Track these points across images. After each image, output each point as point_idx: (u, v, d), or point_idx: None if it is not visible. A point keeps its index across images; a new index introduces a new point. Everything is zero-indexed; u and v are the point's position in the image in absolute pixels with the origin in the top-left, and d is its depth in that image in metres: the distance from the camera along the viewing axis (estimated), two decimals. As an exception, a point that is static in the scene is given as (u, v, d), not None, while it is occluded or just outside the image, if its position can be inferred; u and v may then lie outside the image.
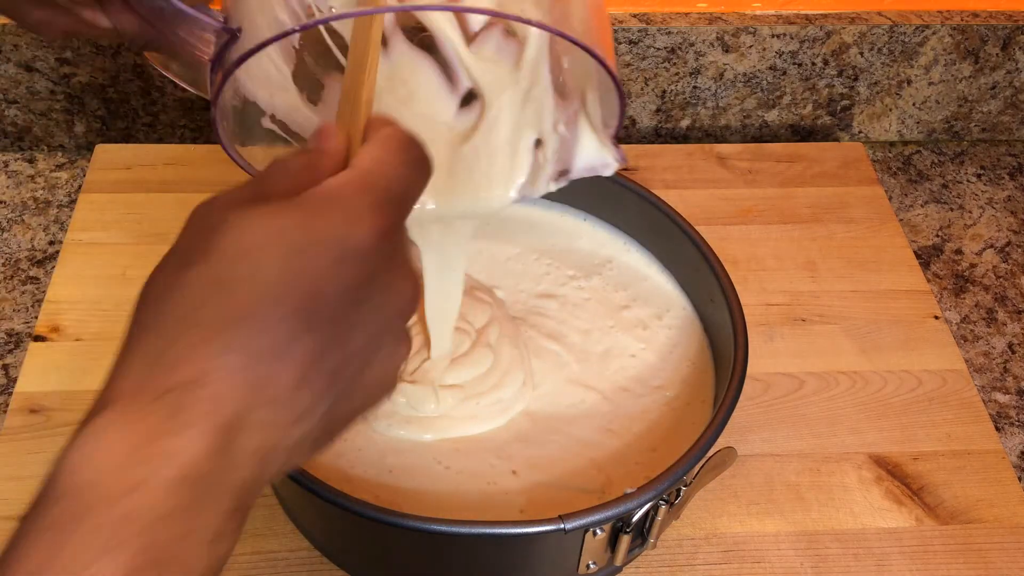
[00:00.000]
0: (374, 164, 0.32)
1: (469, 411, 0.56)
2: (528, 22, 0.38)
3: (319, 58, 0.44)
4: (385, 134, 0.33)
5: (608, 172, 0.47)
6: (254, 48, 0.35)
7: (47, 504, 0.26)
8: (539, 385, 0.58)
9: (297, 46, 0.44)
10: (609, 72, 0.38)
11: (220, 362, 0.28)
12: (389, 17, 0.45)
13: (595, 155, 0.47)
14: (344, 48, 0.45)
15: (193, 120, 0.79)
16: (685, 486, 0.50)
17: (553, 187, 0.48)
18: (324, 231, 0.30)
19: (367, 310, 0.31)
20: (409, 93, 0.47)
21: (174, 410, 0.27)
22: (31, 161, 0.78)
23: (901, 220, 0.78)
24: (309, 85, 0.45)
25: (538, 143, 0.47)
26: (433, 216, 0.48)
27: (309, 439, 0.31)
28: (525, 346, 0.59)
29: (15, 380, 0.61)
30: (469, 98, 0.47)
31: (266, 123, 0.44)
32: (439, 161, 0.40)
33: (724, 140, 0.85)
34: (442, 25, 0.45)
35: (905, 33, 0.78)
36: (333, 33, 0.45)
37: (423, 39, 0.46)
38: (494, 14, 0.41)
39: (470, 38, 0.45)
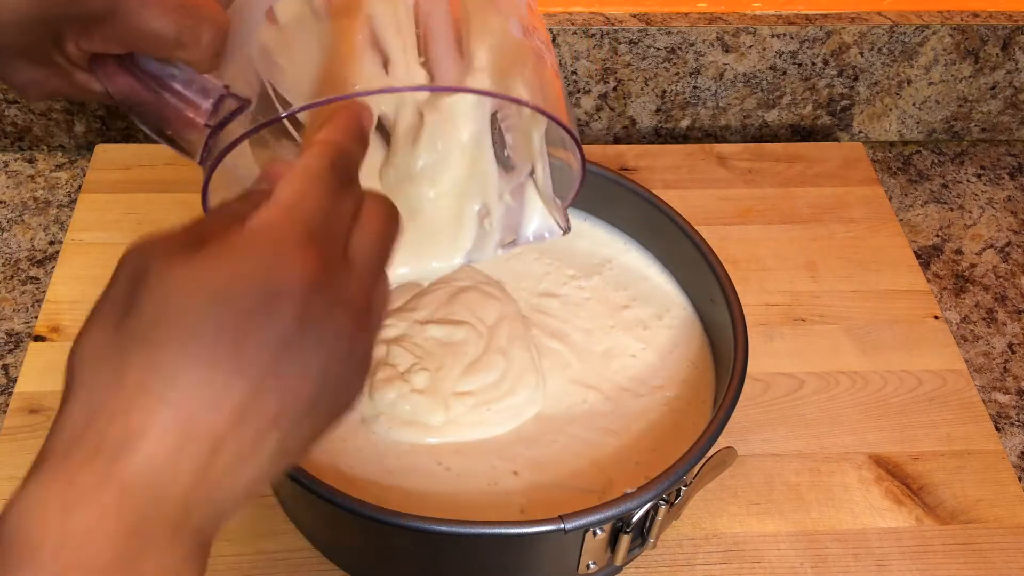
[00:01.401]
0: (295, 196, 0.31)
1: (479, 418, 0.56)
2: (519, 101, 0.40)
3: (272, 130, 0.45)
4: (303, 163, 0.33)
5: (555, 238, 0.49)
6: (265, 123, 0.36)
7: None
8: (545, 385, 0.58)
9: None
10: (579, 149, 0.40)
11: (152, 419, 0.28)
12: None
13: (543, 223, 0.49)
14: (294, 123, 0.46)
15: (193, 120, 0.79)
16: (685, 486, 0.50)
17: (501, 252, 0.49)
18: (246, 274, 0.29)
19: (306, 348, 0.30)
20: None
21: (108, 466, 0.27)
22: (31, 161, 0.78)
23: (901, 220, 0.78)
24: (265, 156, 0.46)
25: (485, 210, 0.49)
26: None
27: (262, 470, 0.30)
28: (536, 348, 0.59)
29: (15, 380, 0.61)
30: None
31: (234, 190, 0.45)
32: None
33: (724, 140, 0.85)
34: (384, 111, 0.46)
35: (905, 33, 0.78)
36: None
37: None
38: (483, 93, 0.42)
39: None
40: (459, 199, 0.48)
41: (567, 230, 0.49)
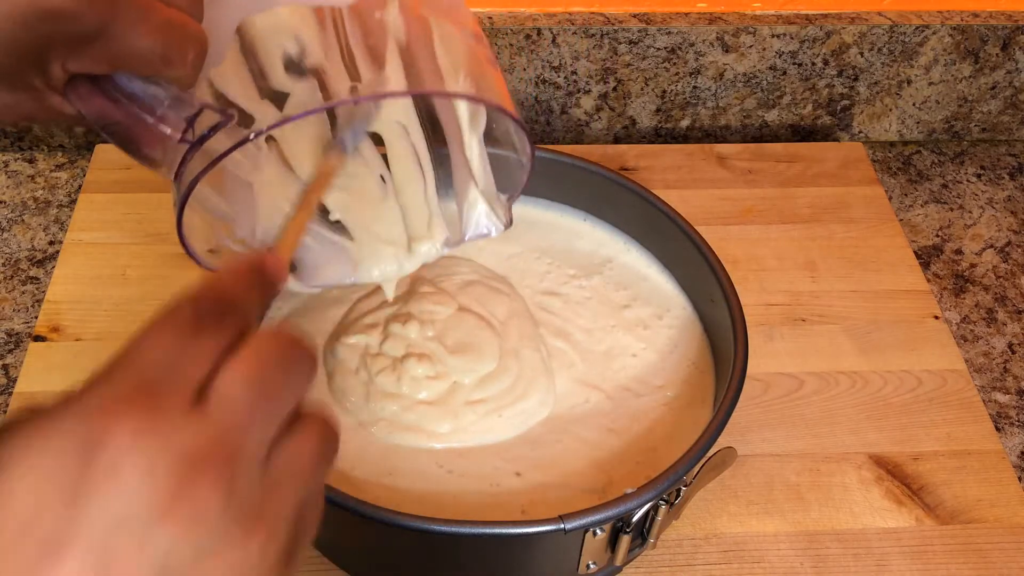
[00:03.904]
0: (128, 347, 0.28)
1: (489, 424, 0.55)
2: (456, 96, 0.43)
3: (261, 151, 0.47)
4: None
5: (497, 234, 0.51)
6: (259, 132, 0.38)
7: None
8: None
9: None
10: (527, 136, 0.43)
11: None
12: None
13: (484, 221, 0.51)
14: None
15: (193, 120, 0.79)
16: (685, 486, 0.50)
17: (445, 252, 0.52)
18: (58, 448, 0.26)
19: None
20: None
21: None
22: (31, 161, 0.78)
23: (901, 220, 0.78)
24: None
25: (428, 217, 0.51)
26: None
27: None
28: (546, 348, 0.59)
29: (15, 380, 0.61)
30: None
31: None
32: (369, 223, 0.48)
33: (724, 140, 0.85)
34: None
35: (905, 33, 0.78)
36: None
37: None
38: (423, 93, 0.44)
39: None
40: (403, 210, 0.50)
41: (508, 224, 0.51)
